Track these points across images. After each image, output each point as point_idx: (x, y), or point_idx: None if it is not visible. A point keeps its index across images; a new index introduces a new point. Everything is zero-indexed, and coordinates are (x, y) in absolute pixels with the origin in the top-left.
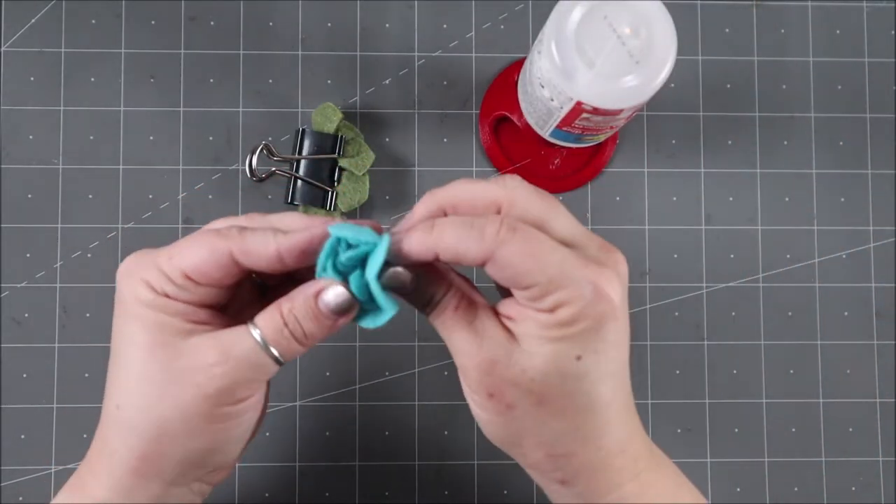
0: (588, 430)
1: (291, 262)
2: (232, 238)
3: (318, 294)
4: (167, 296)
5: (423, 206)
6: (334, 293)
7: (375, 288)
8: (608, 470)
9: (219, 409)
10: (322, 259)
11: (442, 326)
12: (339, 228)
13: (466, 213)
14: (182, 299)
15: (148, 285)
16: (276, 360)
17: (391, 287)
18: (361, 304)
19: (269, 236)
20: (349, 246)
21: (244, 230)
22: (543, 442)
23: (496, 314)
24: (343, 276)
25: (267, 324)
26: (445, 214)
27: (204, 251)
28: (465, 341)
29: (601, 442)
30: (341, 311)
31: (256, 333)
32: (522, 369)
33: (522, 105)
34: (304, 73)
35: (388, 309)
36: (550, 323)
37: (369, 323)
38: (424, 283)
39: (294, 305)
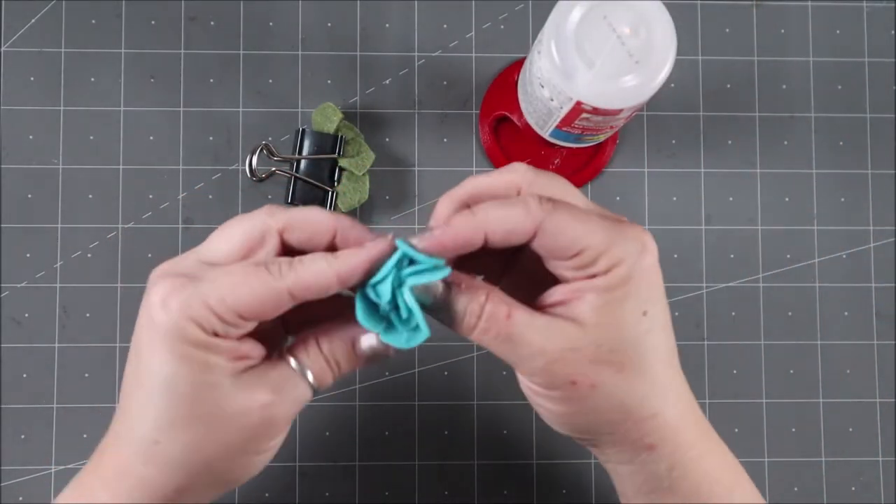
0: (666, 383)
1: (351, 284)
2: (286, 276)
3: (355, 340)
4: (216, 334)
5: (443, 206)
6: (369, 343)
7: (413, 305)
8: (689, 426)
9: (263, 444)
10: (385, 274)
11: (497, 339)
12: (403, 243)
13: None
14: (231, 337)
15: (197, 324)
16: (315, 391)
17: (425, 301)
18: (395, 325)
19: (323, 265)
20: (411, 262)
21: (293, 264)
22: (630, 410)
23: (540, 310)
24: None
25: (312, 363)
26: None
27: (263, 292)
28: (530, 345)
29: (678, 392)
30: (374, 359)
31: (301, 369)
32: (597, 344)
33: (522, 105)
34: (304, 73)
35: (424, 329)
36: (611, 284)
37: (403, 343)
38: (456, 294)
39: (334, 348)
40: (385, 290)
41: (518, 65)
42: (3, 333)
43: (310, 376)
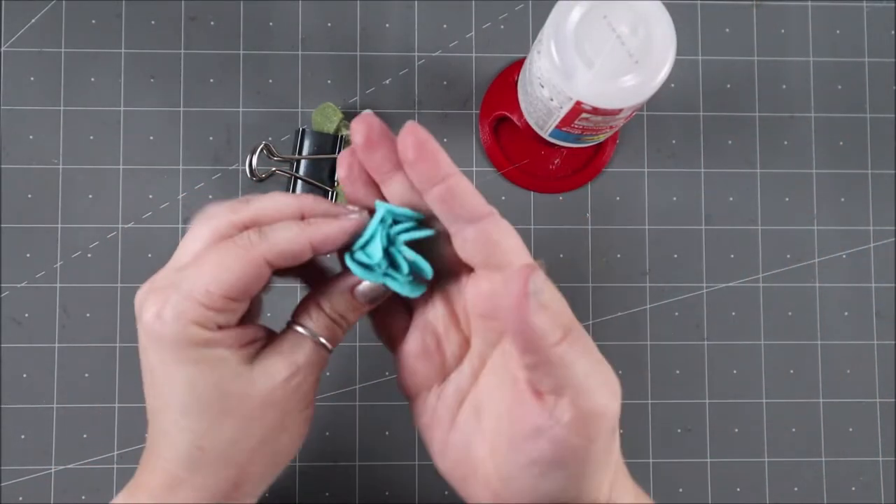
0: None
1: (326, 251)
2: (257, 245)
3: (353, 288)
4: (219, 327)
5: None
6: (369, 285)
7: (412, 254)
8: None
9: (299, 415)
10: (371, 235)
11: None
12: (384, 205)
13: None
14: (232, 325)
15: (198, 325)
16: (329, 350)
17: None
18: (395, 275)
19: (295, 230)
20: (394, 221)
21: (263, 232)
22: None
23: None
24: (385, 249)
25: (318, 324)
26: None
27: (239, 267)
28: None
29: None
30: (376, 299)
31: (311, 334)
32: None
33: (522, 105)
34: (304, 73)
35: (428, 271)
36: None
37: (408, 292)
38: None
39: (333, 303)
40: (375, 250)
41: (518, 65)
42: (3, 333)
43: (320, 338)
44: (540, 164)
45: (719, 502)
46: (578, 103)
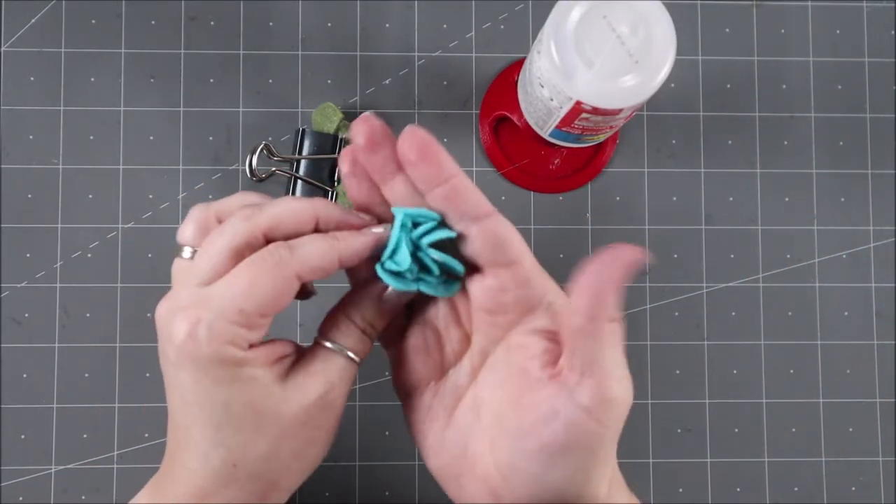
0: None
1: (351, 265)
2: (289, 262)
3: (381, 294)
4: (252, 346)
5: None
6: (396, 289)
7: (439, 255)
8: None
9: (329, 430)
10: (397, 242)
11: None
12: (402, 209)
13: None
14: (264, 342)
15: (230, 344)
16: (358, 363)
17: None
18: (427, 279)
19: (324, 246)
20: (414, 224)
21: (292, 248)
22: None
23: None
24: (413, 254)
25: (349, 338)
26: None
27: (272, 284)
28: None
29: None
30: (404, 298)
31: (341, 349)
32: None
33: (522, 105)
34: (304, 73)
35: (459, 269)
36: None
37: (442, 293)
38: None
39: (365, 313)
40: (403, 258)
41: (518, 65)
42: (3, 333)
43: (349, 353)
44: (540, 164)
45: (719, 502)
46: (578, 103)
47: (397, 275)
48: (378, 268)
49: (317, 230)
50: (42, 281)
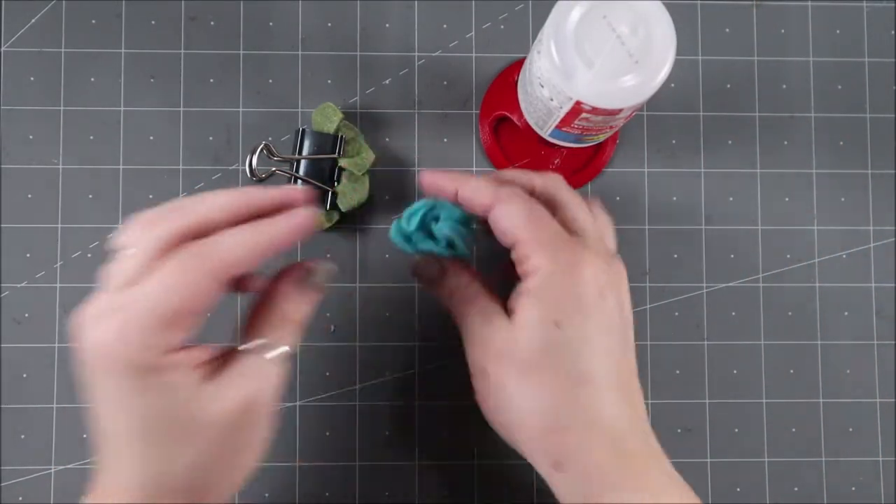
0: (577, 406)
1: (281, 251)
2: (207, 259)
3: (306, 279)
4: (172, 350)
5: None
6: (324, 269)
7: (449, 231)
8: (601, 456)
9: (261, 430)
10: (417, 208)
11: (457, 314)
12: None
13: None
14: (184, 346)
15: (150, 350)
16: (288, 356)
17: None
18: (431, 247)
19: (245, 237)
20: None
21: (212, 243)
22: (535, 417)
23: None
24: (428, 226)
25: (275, 332)
26: None
27: (190, 285)
28: (469, 326)
29: (589, 419)
30: (327, 281)
31: (264, 347)
32: (509, 340)
33: (522, 105)
34: (304, 73)
35: (463, 250)
36: (528, 286)
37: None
38: (450, 272)
39: (297, 307)
40: (414, 221)
41: (518, 65)
42: (3, 333)
43: (280, 348)
44: (540, 164)
45: (719, 502)
46: (578, 103)
47: (405, 236)
48: (394, 223)
49: (247, 217)
50: (42, 281)
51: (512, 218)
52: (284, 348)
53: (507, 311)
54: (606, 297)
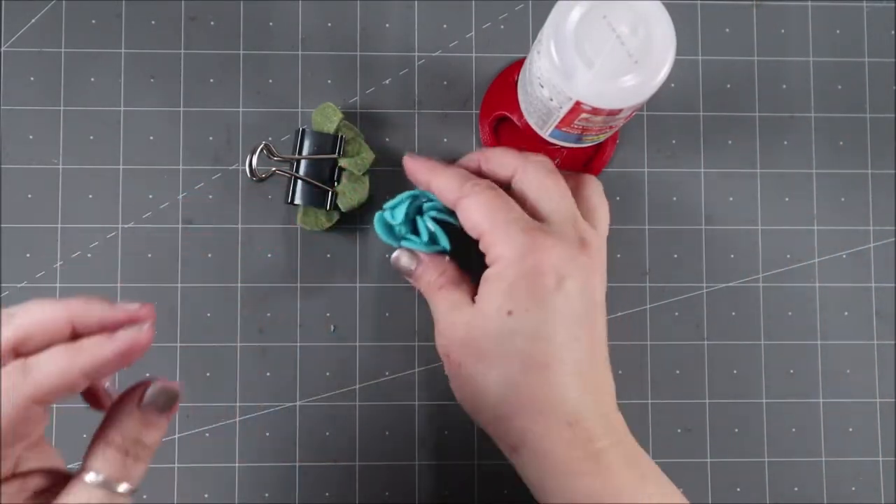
0: (528, 392)
1: (104, 376)
2: (21, 386)
3: (140, 400)
4: (5, 479)
5: (471, 155)
6: (155, 390)
7: (434, 225)
8: (555, 441)
9: None
10: (401, 200)
11: (429, 301)
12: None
13: (493, 169)
14: (17, 475)
15: None
16: (131, 492)
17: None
18: (413, 240)
19: (64, 363)
20: (417, 200)
21: (27, 367)
22: (489, 402)
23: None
24: (412, 223)
25: (109, 464)
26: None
27: (16, 408)
28: (436, 309)
29: (542, 405)
30: (169, 403)
31: (98, 479)
32: (466, 326)
33: (522, 105)
34: (304, 73)
35: (445, 244)
36: (487, 275)
37: (425, 249)
38: (421, 263)
39: (123, 429)
40: (399, 213)
41: (518, 65)
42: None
43: (113, 483)
44: None
45: (719, 502)
46: (578, 103)
47: (389, 228)
48: (377, 215)
49: (78, 335)
50: (42, 281)
51: (474, 211)
52: (125, 485)
53: (474, 292)
54: (565, 284)
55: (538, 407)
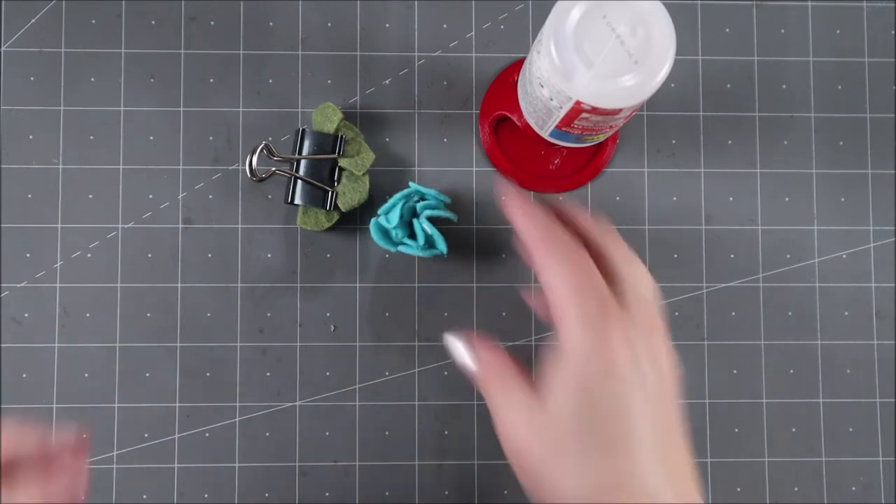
0: (616, 482)
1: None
2: None
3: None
4: None
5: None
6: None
7: (430, 227)
8: None
9: None
10: (394, 203)
11: (486, 397)
12: (414, 184)
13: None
14: None
15: None
16: None
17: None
18: (410, 244)
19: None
20: (421, 198)
21: None
22: (577, 497)
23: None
24: (408, 222)
25: None
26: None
27: None
28: (497, 411)
29: (631, 492)
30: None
31: None
32: (539, 422)
33: (522, 105)
34: (304, 73)
35: (443, 247)
36: (560, 357)
37: (419, 253)
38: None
39: (60, 482)
40: (393, 217)
41: (518, 65)
42: (3, 333)
43: None
44: (540, 164)
45: (719, 502)
46: (578, 103)
47: (384, 233)
48: (372, 221)
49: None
50: (42, 281)
51: (556, 276)
52: None
53: (536, 385)
54: (641, 364)
55: (626, 496)
